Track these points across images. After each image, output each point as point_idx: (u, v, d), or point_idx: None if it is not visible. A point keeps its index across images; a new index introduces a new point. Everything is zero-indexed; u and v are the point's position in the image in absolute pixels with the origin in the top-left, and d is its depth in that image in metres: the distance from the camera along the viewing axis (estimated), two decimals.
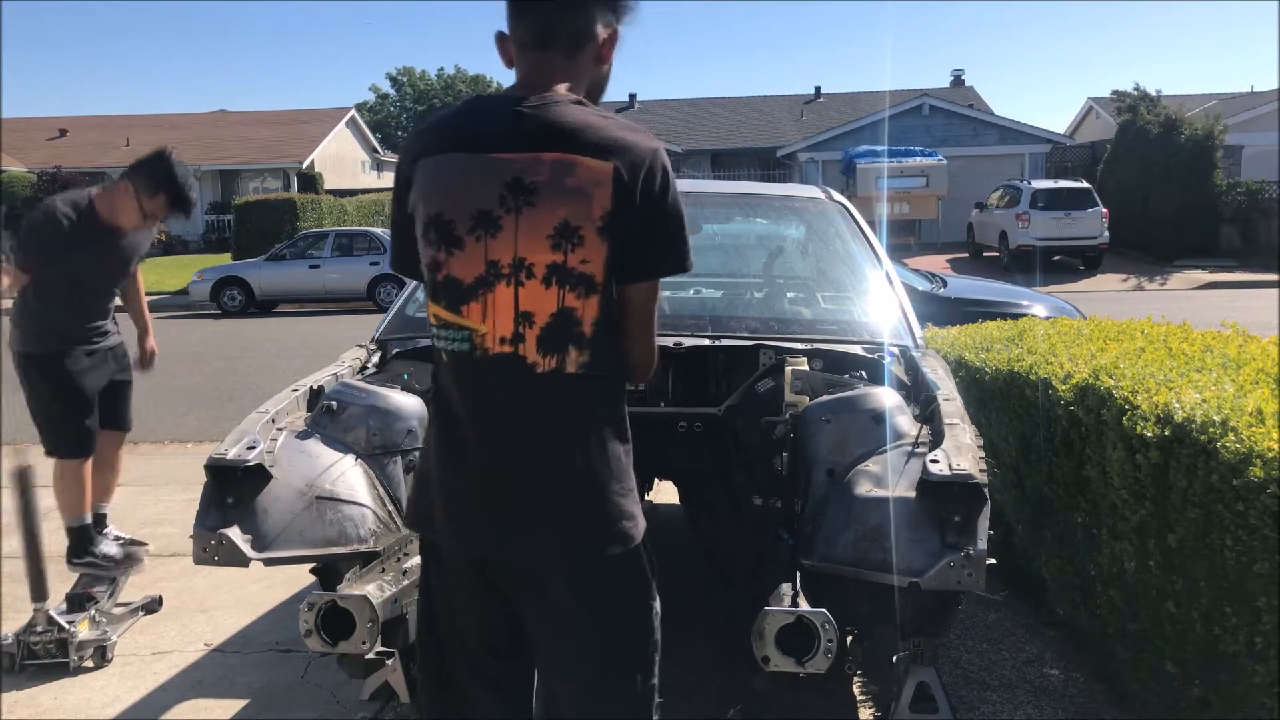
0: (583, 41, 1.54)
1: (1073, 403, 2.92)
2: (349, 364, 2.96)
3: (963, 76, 37.75)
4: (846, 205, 3.77)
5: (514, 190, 1.45)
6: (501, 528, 1.53)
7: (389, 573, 2.32)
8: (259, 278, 17.73)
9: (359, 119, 39.86)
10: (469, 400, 1.52)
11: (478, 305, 1.48)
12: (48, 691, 3.20)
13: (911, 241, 22.03)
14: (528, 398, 1.49)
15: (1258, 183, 21.30)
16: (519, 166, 1.45)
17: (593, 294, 1.47)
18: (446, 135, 1.53)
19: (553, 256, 1.45)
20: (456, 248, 1.48)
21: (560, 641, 1.58)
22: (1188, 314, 4.30)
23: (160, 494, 5.49)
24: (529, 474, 1.51)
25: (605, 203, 1.44)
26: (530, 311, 1.46)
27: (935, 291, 7.11)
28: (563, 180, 1.44)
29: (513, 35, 1.55)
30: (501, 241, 1.46)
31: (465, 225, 1.47)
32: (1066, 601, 3.18)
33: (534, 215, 1.45)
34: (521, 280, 1.46)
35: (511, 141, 1.46)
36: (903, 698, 2.19)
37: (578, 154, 1.45)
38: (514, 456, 1.51)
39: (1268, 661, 2.10)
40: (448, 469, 1.56)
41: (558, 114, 1.47)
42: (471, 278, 1.48)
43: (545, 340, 1.47)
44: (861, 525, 2.11)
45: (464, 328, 1.49)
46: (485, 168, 1.47)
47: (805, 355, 2.89)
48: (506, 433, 1.51)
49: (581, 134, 1.46)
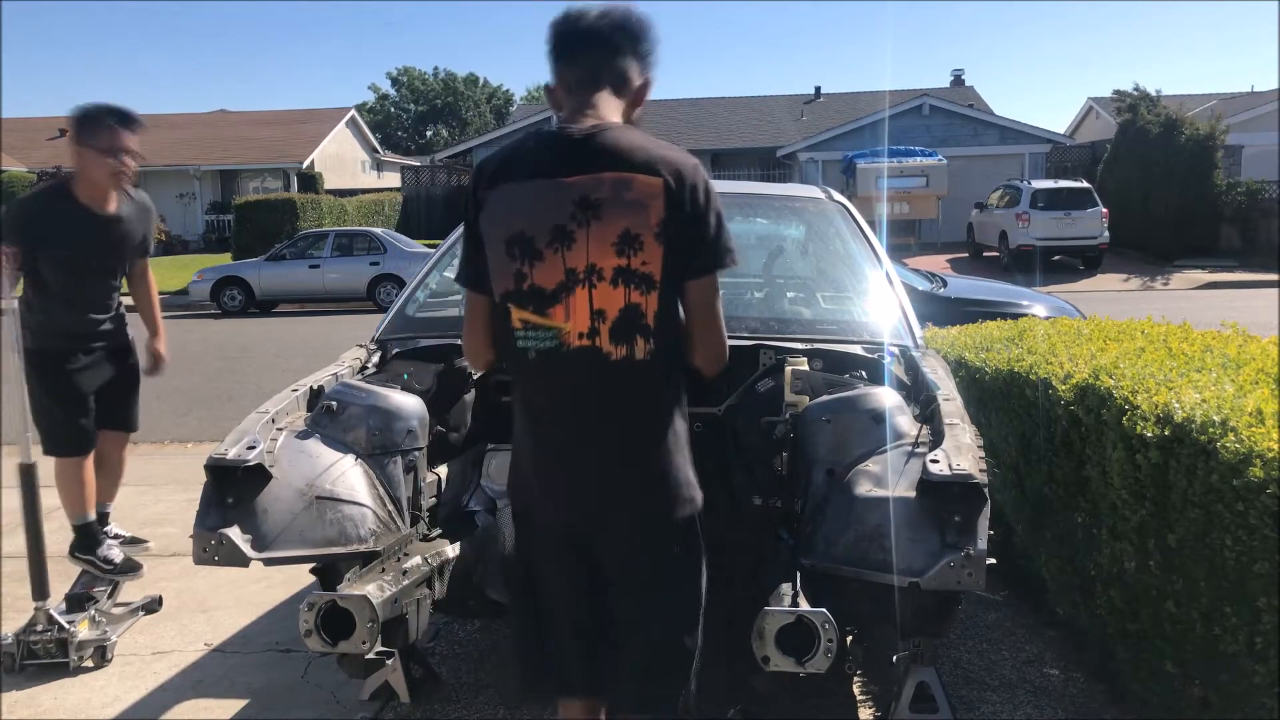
0: (621, 83, 1.81)
1: (1073, 403, 2.92)
2: (349, 364, 2.96)
3: (963, 76, 37.73)
4: (847, 205, 3.77)
5: (582, 206, 1.70)
6: (589, 500, 1.79)
7: (389, 573, 2.32)
8: (259, 278, 17.72)
9: (359, 119, 39.85)
10: (557, 390, 1.77)
11: (561, 308, 1.72)
12: (48, 691, 3.20)
13: (911, 241, 22.02)
14: (605, 384, 1.74)
15: (1258, 183, 21.29)
16: (585, 186, 1.70)
17: (652, 290, 1.72)
18: (516, 165, 1.76)
19: (618, 261, 1.70)
20: (538, 260, 1.72)
21: (636, 593, 1.83)
22: (1188, 314, 4.30)
23: (160, 494, 5.49)
24: (610, 451, 1.77)
25: (660, 212, 1.69)
26: (603, 309, 1.71)
27: (935, 291, 7.11)
28: (622, 195, 1.69)
29: (560, 81, 1.82)
30: (576, 251, 1.71)
31: (544, 240, 1.72)
32: (1066, 601, 3.18)
33: (601, 227, 1.70)
34: (594, 283, 1.71)
35: (576, 165, 1.71)
36: (903, 698, 2.19)
37: (633, 172, 1.70)
38: (596, 436, 1.76)
39: (1268, 661, 2.10)
40: (541, 453, 1.82)
41: (612, 138, 1.72)
42: (554, 284, 1.72)
43: (616, 332, 1.72)
44: (861, 525, 2.11)
45: (551, 328, 1.73)
46: (556, 190, 1.71)
47: (805, 355, 2.89)
48: (589, 416, 1.76)
49: (634, 154, 1.71)
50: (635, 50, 1.81)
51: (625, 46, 1.79)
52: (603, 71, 1.79)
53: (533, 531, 1.88)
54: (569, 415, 1.77)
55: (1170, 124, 20.53)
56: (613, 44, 1.78)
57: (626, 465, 1.78)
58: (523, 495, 1.88)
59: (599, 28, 1.78)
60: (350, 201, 28.29)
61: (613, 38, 1.78)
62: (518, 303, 1.75)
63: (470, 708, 3.00)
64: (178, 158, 31.61)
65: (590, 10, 1.78)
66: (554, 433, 1.80)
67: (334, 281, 17.67)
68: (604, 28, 1.78)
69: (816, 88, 36.78)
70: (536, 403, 1.81)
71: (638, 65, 1.82)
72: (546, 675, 1.94)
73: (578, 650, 1.88)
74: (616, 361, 1.72)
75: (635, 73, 1.82)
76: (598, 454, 1.77)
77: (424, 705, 2.97)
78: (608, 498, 1.78)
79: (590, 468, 1.78)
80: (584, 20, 1.78)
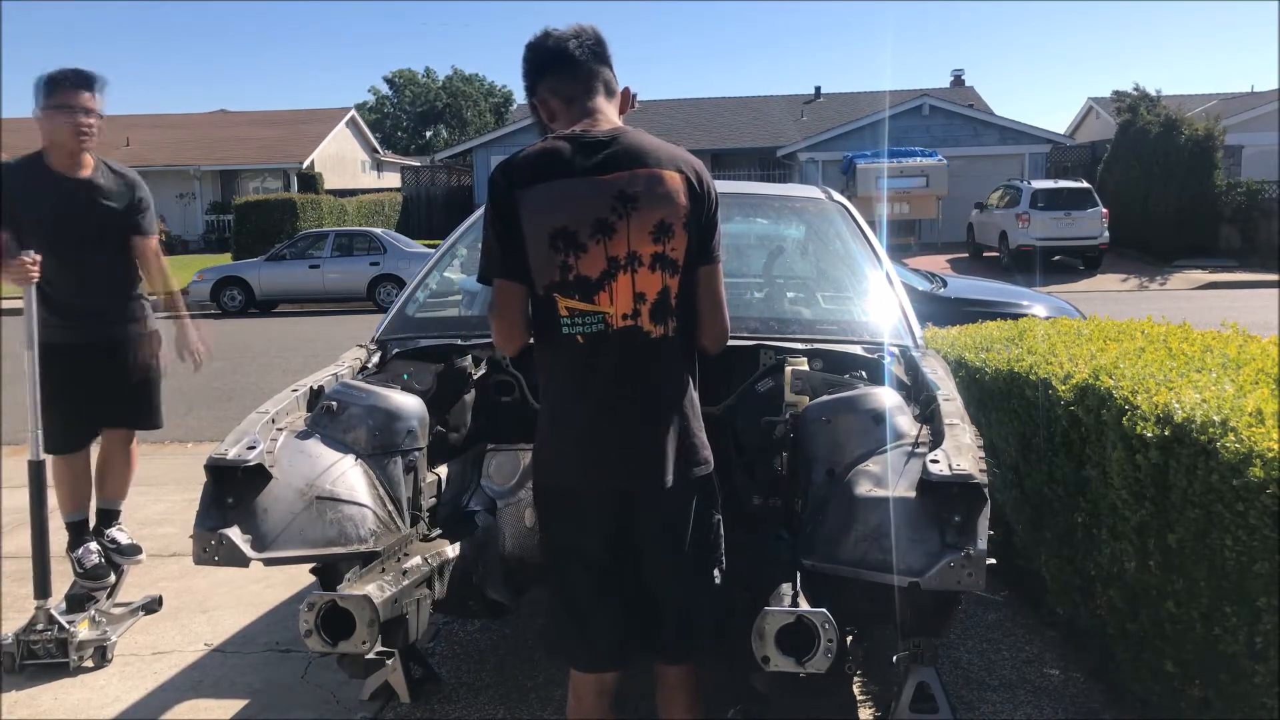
0: (613, 89, 2.06)
1: (1073, 403, 2.92)
2: (349, 364, 2.95)
3: (963, 76, 37.78)
4: (846, 205, 3.77)
5: (621, 200, 1.90)
6: (633, 461, 1.97)
7: (389, 573, 2.32)
8: (259, 278, 17.73)
9: (359, 119, 39.87)
10: (603, 369, 1.94)
11: (605, 293, 1.92)
12: (48, 691, 3.20)
13: (911, 241, 22.03)
14: (644, 359, 1.95)
15: (1258, 183, 21.30)
16: (621, 182, 1.91)
17: (677, 274, 1.95)
18: (549, 166, 1.93)
19: (655, 248, 1.92)
20: (582, 251, 1.90)
21: (661, 548, 2.02)
22: (1188, 314, 4.30)
23: (160, 494, 5.49)
24: (651, 418, 1.97)
25: (685, 204, 1.94)
26: (643, 292, 1.93)
27: (935, 291, 7.11)
28: (655, 189, 1.92)
29: (557, 94, 2.02)
30: (617, 241, 1.91)
31: (587, 232, 1.90)
32: (1066, 601, 3.18)
33: (640, 217, 1.91)
34: (635, 268, 1.91)
35: (609, 164, 1.92)
36: (903, 698, 2.19)
37: (660, 169, 1.93)
38: (640, 406, 1.96)
39: (1268, 661, 2.10)
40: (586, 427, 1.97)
41: (635, 140, 1.96)
42: (597, 273, 1.91)
43: (655, 313, 1.94)
44: (861, 525, 2.11)
45: (597, 312, 1.92)
46: (595, 187, 1.91)
47: (805, 355, 2.89)
48: (635, 388, 1.95)
49: (657, 153, 1.95)
50: (609, 62, 2.06)
51: (605, 59, 2.05)
52: (597, 81, 2.02)
53: (571, 508, 2.02)
54: (615, 390, 1.95)
55: (1170, 124, 20.53)
56: (598, 57, 2.03)
57: (665, 431, 1.97)
58: (558, 472, 2.02)
59: (584, 45, 2.00)
60: (350, 202, 28.30)
61: (597, 52, 2.03)
62: (563, 292, 1.92)
63: (470, 708, 3.00)
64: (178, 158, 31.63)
65: (565, 31, 2.02)
66: (601, 407, 1.96)
67: (334, 282, 17.68)
68: (587, 45, 2.01)
69: (816, 88, 36.82)
70: (581, 382, 1.96)
71: (614, 73, 2.07)
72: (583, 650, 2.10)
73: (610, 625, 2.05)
74: (656, 339, 1.94)
75: (615, 80, 2.07)
76: (641, 422, 1.96)
77: (424, 705, 2.97)
78: (651, 460, 1.96)
79: (636, 435, 1.96)
80: (568, 39, 2.00)
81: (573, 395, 1.99)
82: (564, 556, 2.07)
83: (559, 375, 2.00)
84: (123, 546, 3.89)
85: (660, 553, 2.03)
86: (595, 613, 2.05)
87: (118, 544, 3.88)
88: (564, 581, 2.08)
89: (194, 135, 33.72)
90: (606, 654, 2.09)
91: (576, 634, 2.08)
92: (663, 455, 1.97)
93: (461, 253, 3.82)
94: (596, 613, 2.05)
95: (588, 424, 1.97)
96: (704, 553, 2.06)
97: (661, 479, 1.97)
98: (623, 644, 2.08)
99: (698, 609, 2.06)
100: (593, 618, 2.06)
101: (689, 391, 2.03)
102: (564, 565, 2.07)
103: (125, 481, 3.94)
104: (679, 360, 2.00)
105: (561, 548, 2.07)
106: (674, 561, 2.03)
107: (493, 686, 3.14)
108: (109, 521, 3.89)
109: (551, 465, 2.03)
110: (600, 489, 1.99)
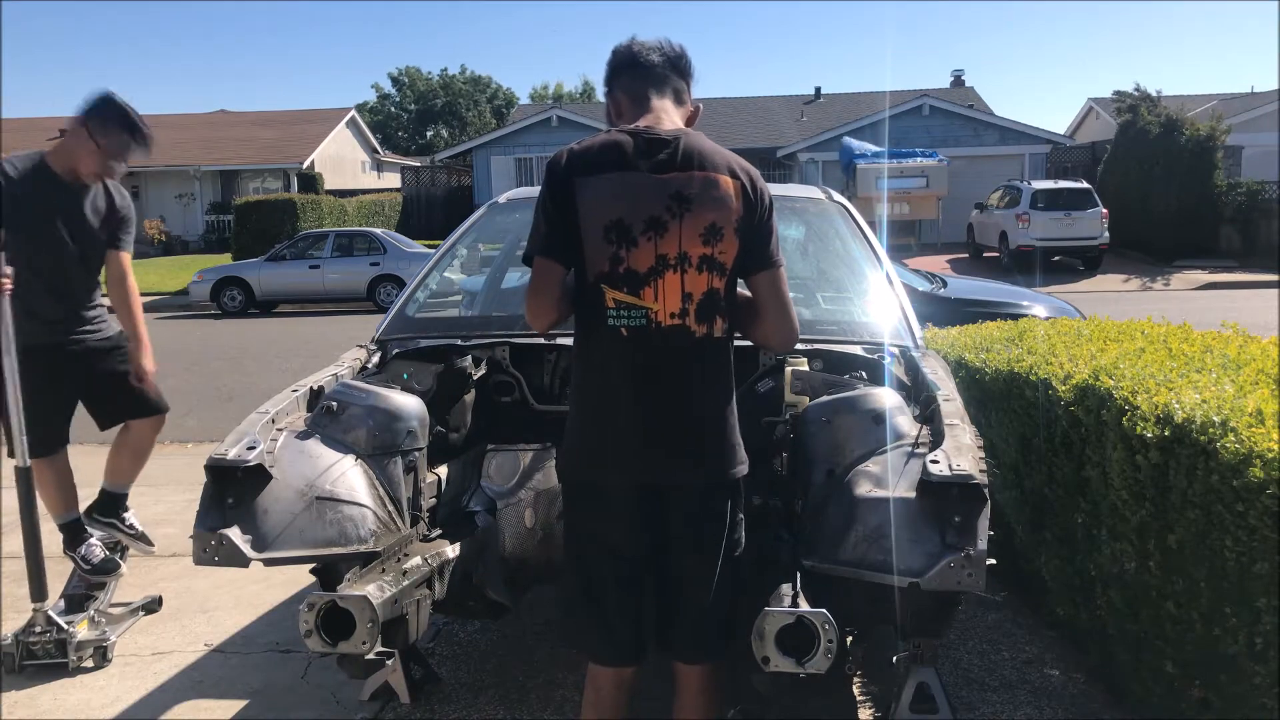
0: (683, 98, 2.12)
1: (1073, 403, 2.92)
2: (349, 364, 2.95)
3: (963, 77, 37.71)
4: (846, 205, 3.77)
5: (676, 200, 1.93)
6: (670, 457, 1.98)
7: (389, 573, 2.32)
8: (259, 278, 17.72)
9: (359, 119, 39.83)
10: (646, 363, 1.96)
11: (651, 289, 1.94)
12: (48, 692, 3.20)
13: (912, 242, 22.01)
14: (690, 358, 1.97)
15: (1258, 183, 21.28)
16: (679, 182, 1.94)
17: (725, 276, 1.97)
18: (611, 158, 1.96)
19: (704, 250, 1.94)
20: (633, 245, 1.93)
21: (692, 545, 2.03)
22: (1188, 314, 4.30)
23: (160, 494, 5.50)
24: (690, 416, 1.99)
25: (739, 209, 1.96)
26: (691, 292, 1.95)
27: (935, 292, 7.10)
28: (710, 193, 1.94)
29: (630, 90, 2.08)
30: (668, 239, 1.93)
31: (640, 228, 1.93)
32: (1066, 602, 3.18)
33: (692, 219, 1.93)
34: (684, 268, 1.94)
35: (669, 163, 1.95)
36: (903, 698, 2.19)
37: (718, 173, 1.96)
38: (680, 404, 1.98)
39: (1268, 662, 2.10)
40: (624, 422, 1.98)
41: (697, 144, 1.99)
42: (645, 268, 1.93)
43: (701, 313, 1.96)
44: (862, 526, 2.11)
45: (643, 307, 1.95)
46: (653, 184, 1.94)
47: (805, 355, 2.89)
48: (676, 385, 1.97)
49: (716, 158, 1.98)
50: (686, 76, 2.14)
51: (684, 69, 2.13)
52: (667, 86, 2.09)
53: (601, 499, 2.04)
54: (655, 387, 1.97)
55: (1170, 124, 20.51)
56: (676, 66, 2.11)
57: (705, 429, 2.01)
58: (591, 465, 2.03)
59: (665, 52, 2.11)
60: (350, 202, 28.29)
61: (675, 61, 2.11)
62: (612, 284, 1.95)
63: (470, 708, 3.00)
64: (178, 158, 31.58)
65: (650, 42, 2.12)
66: (640, 401, 1.97)
67: (334, 282, 17.67)
68: (669, 53, 2.11)
69: (817, 88, 36.77)
70: (622, 376, 1.98)
71: (688, 88, 2.14)
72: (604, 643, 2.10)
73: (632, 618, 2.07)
74: (701, 338, 1.97)
75: (687, 94, 2.14)
76: (679, 420, 1.98)
77: (424, 705, 2.97)
78: (690, 456, 1.99)
79: (676, 431, 1.98)
80: (651, 46, 2.10)
81: (612, 388, 2.00)
82: (589, 548, 2.07)
83: (599, 366, 2.02)
84: (140, 532, 3.88)
85: (687, 550, 2.04)
86: (617, 606, 2.06)
87: (135, 529, 3.86)
88: (587, 574, 2.08)
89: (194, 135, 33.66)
90: (627, 648, 2.09)
91: (597, 626, 2.08)
92: (699, 454, 2.00)
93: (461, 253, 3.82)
94: (618, 606, 2.06)
95: (626, 417, 1.98)
96: (729, 553, 2.07)
97: (696, 478, 2.00)
98: (643, 639, 2.10)
99: (718, 609, 2.06)
100: (614, 612, 2.06)
101: (729, 393, 2.05)
102: (588, 557, 2.08)
103: (141, 465, 3.92)
104: (721, 361, 2.03)
105: (587, 539, 2.08)
106: (700, 560, 2.03)
107: (493, 686, 3.14)
108: (122, 505, 3.85)
109: (584, 456, 2.04)
110: (634, 483, 2.00)
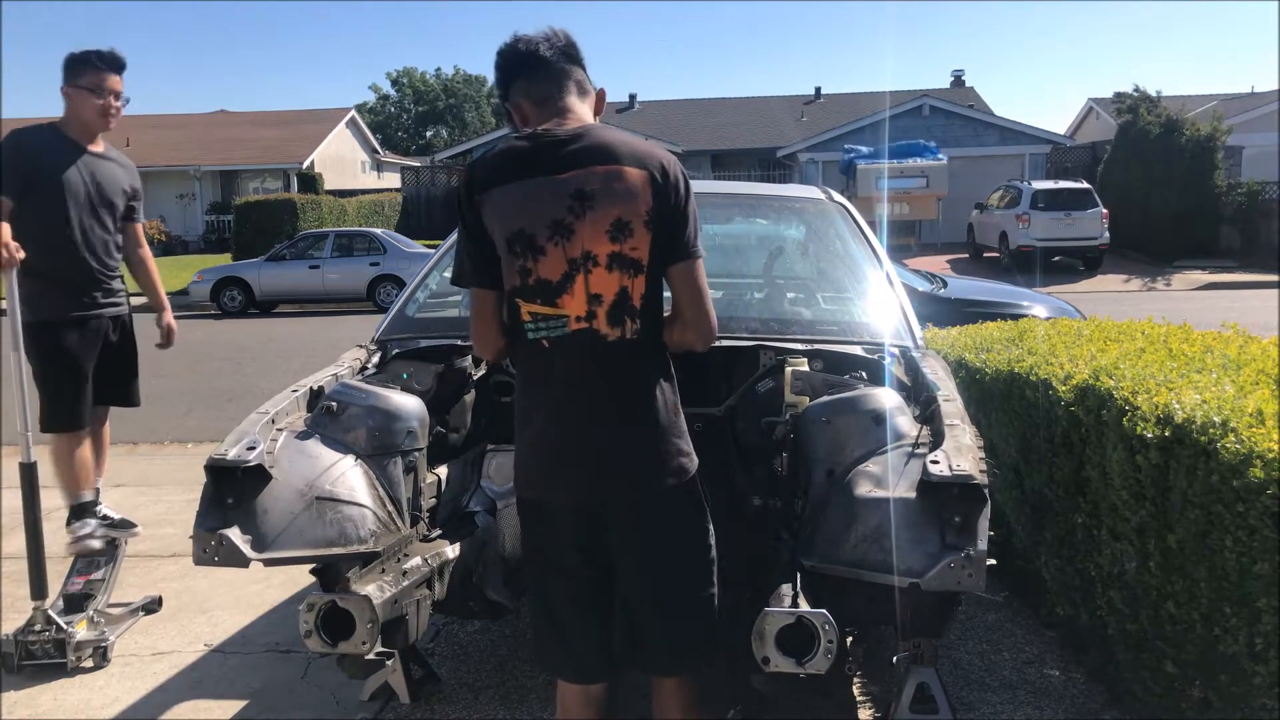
0: (586, 89, 2.00)
1: (1073, 403, 2.92)
2: (349, 364, 2.95)
3: (963, 77, 37.73)
4: (846, 206, 3.77)
5: (577, 199, 1.83)
6: (600, 476, 1.90)
7: (389, 573, 2.32)
8: (259, 278, 17.72)
9: (359, 119, 39.83)
10: (562, 373, 1.87)
11: (568, 296, 1.85)
12: (47, 692, 3.19)
13: (912, 242, 22.01)
14: (602, 364, 1.87)
15: (1258, 183, 21.29)
16: (579, 180, 1.83)
17: (640, 274, 1.85)
18: (508, 168, 1.87)
19: (611, 247, 1.83)
20: (540, 254, 1.84)
21: (638, 561, 1.95)
22: (1188, 315, 4.30)
23: (160, 494, 5.49)
24: (608, 427, 1.88)
25: (648, 201, 1.84)
26: (599, 293, 1.84)
27: (935, 292, 7.10)
28: (613, 186, 1.83)
29: (529, 97, 1.96)
30: (574, 242, 1.83)
31: (545, 235, 1.83)
32: (1066, 602, 3.18)
33: (595, 215, 1.83)
34: (589, 269, 1.83)
35: (568, 162, 1.84)
36: (903, 698, 2.19)
37: (622, 165, 1.84)
38: (596, 414, 1.88)
39: (1268, 662, 2.10)
40: (550, 436, 1.90)
41: (600, 136, 1.88)
42: (558, 275, 1.84)
43: (611, 315, 1.85)
44: (862, 526, 2.11)
45: (561, 316, 1.86)
46: (552, 187, 1.84)
47: (805, 356, 2.89)
48: (588, 394, 1.88)
49: (620, 149, 1.86)
50: (582, 63, 2.01)
51: (577, 59, 2.00)
52: (568, 81, 1.97)
53: (545, 519, 1.97)
54: (575, 396, 1.88)
55: (1171, 125, 20.52)
56: (570, 56, 1.98)
57: (628, 438, 1.90)
58: (533, 484, 1.96)
59: (554, 46, 1.97)
60: (350, 202, 28.27)
61: (568, 53, 1.99)
62: (525, 297, 1.87)
63: (470, 708, 3.00)
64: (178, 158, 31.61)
65: (535, 35, 1.98)
66: (563, 415, 1.89)
67: (334, 282, 17.67)
68: (558, 46, 1.97)
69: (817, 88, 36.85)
70: (547, 389, 1.90)
71: (587, 75, 2.02)
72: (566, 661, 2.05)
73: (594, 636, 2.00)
74: (612, 342, 1.86)
75: (588, 81, 2.02)
76: (603, 430, 1.89)
77: (424, 705, 2.97)
78: (617, 470, 1.90)
79: (597, 444, 1.89)
80: (538, 42, 1.96)
81: (535, 403, 1.93)
82: (542, 567, 2.02)
83: (529, 380, 1.95)
84: (116, 521, 3.83)
85: (636, 565, 1.95)
86: (576, 624, 2.00)
87: (110, 519, 3.81)
88: (544, 592, 2.03)
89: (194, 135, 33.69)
90: (590, 666, 2.04)
91: (559, 645, 2.03)
92: (630, 465, 1.90)
93: None
94: (577, 624, 2.00)
95: (549, 433, 1.90)
96: (688, 564, 1.99)
97: (630, 490, 1.91)
98: (607, 656, 2.03)
99: (683, 622, 1.99)
100: (574, 629, 2.00)
101: (659, 396, 1.92)
102: (543, 576, 2.02)
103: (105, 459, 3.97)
104: (643, 363, 1.91)
105: (539, 558, 2.02)
106: (653, 574, 1.96)
107: (493, 686, 3.14)
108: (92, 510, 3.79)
109: (524, 476, 1.97)
110: (573, 503, 1.93)
